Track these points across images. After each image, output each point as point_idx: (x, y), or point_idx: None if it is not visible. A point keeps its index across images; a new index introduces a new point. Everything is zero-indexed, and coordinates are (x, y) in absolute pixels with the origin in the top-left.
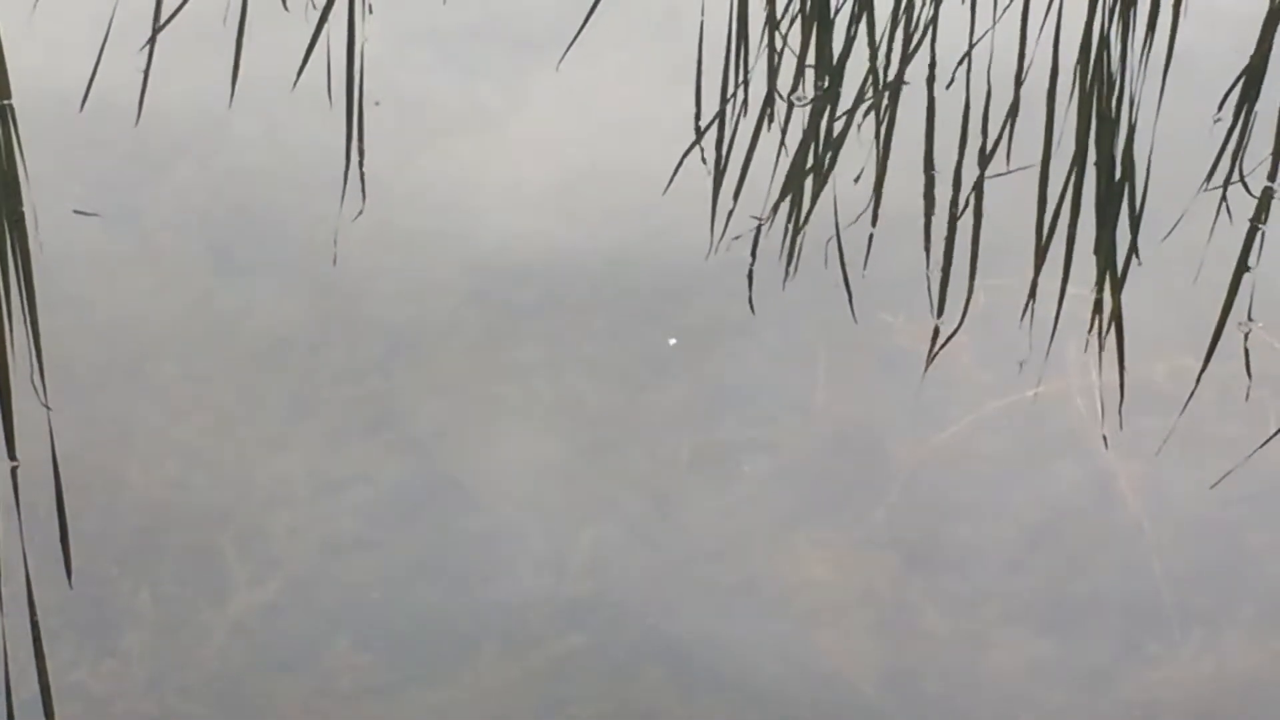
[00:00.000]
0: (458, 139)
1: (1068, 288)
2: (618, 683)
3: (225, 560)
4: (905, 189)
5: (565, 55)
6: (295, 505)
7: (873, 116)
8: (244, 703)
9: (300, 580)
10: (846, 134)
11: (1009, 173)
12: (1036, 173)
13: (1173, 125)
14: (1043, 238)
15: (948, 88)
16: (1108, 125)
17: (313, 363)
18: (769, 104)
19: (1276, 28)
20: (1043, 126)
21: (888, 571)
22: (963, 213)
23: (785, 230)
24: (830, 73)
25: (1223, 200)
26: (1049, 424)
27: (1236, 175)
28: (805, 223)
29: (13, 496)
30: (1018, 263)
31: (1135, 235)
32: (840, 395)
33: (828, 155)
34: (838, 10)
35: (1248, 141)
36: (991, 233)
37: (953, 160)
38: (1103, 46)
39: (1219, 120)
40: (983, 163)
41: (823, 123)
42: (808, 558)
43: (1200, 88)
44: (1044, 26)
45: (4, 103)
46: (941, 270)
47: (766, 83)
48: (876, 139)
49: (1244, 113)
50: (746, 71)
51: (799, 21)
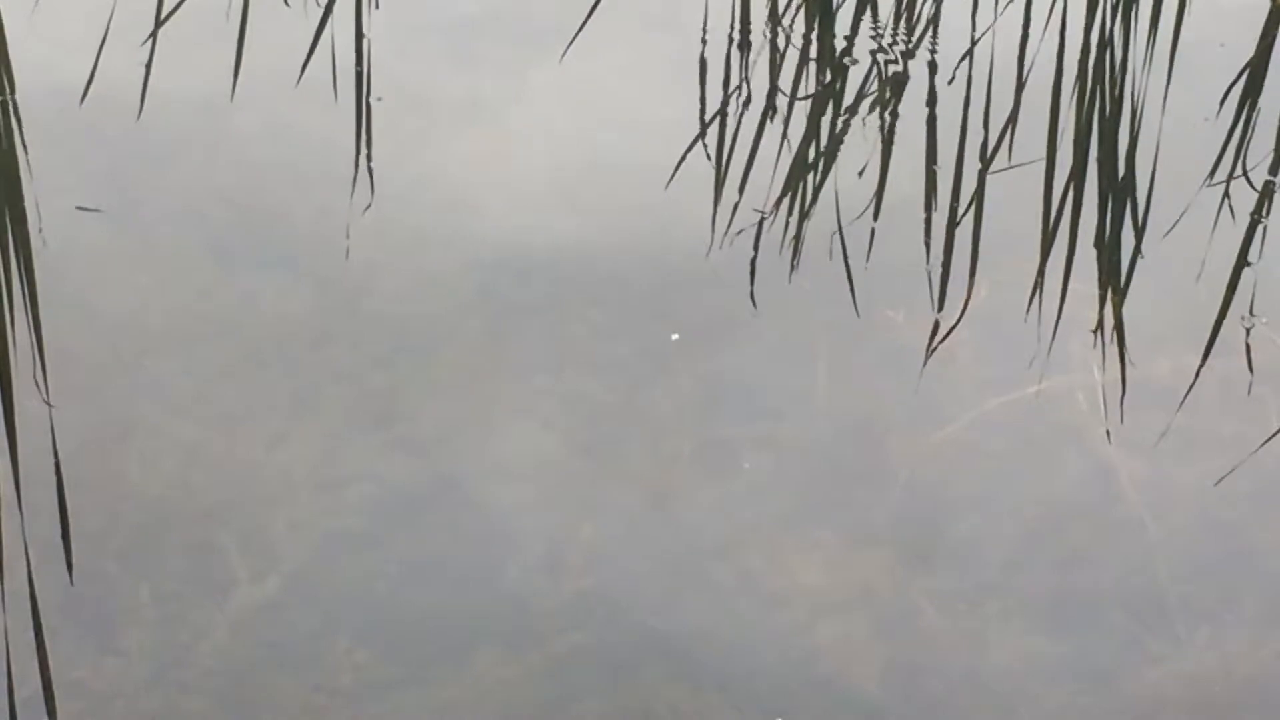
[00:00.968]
0: (460, 134)
1: (1071, 284)
2: (619, 681)
3: (226, 557)
4: (907, 184)
5: (568, 50)
6: (296, 502)
7: (876, 111)
8: (244, 699)
9: (301, 577)
10: (849, 129)
11: (1011, 168)
12: (1039, 169)
13: (1175, 121)
14: (1047, 233)
15: (950, 83)
16: (1110, 121)
17: (314, 360)
18: (771, 99)
19: (1278, 24)
20: (1045, 123)
21: (889, 568)
22: (966, 210)
23: (787, 225)
24: (832, 67)
25: (1225, 196)
26: (1052, 420)
27: (1239, 171)
28: (808, 217)
29: (14, 493)
30: (1020, 259)
31: (1139, 231)
32: (842, 391)
33: (830, 150)
34: (840, 4)
35: (1250, 138)
36: (994, 228)
37: (955, 156)
38: (1105, 43)
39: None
40: (984, 159)
41: (825, 117)
42: (808, 555)
43: (1202, 84)
44: (1048, 22)
45: (4, 98)
46: (943, 265)
47: (769, 77)
48: (880, 133)
49: (1246, 109)
50: (748, 66)
51: (801, 15)
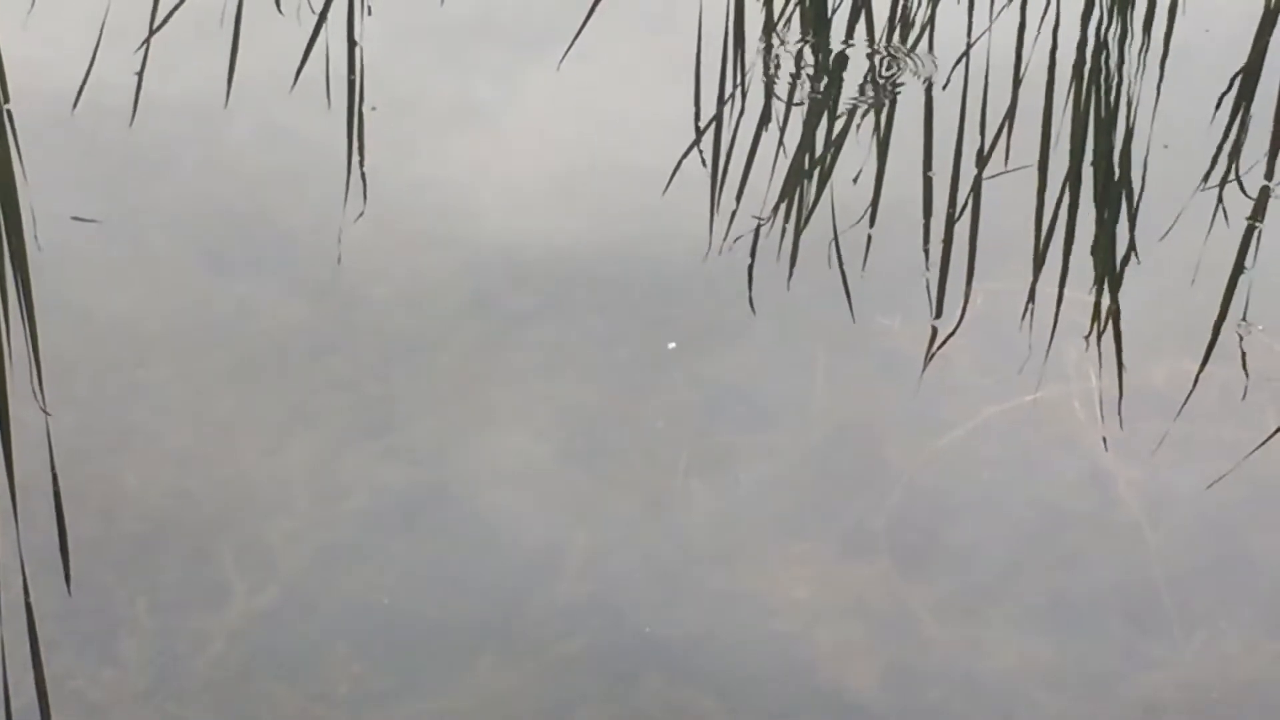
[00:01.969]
0: (455, 138)
1: (1067, 291)
2: (617, 688)
3: (223, 568)
4: (904, 190)
5: (565, 55)
6: (293, 512)
7: (871, 117)
8: (242, 710)
9: (298, 587)
10: (846, 135)
11: (1006, 172)
12: (1034, 173)
13: (1170, 125)
14: (1041, 239)
15: (944, 88)
16: (1105, 125)
17: (311, 369)
18: (768, 105)
19: (1272, 27)
20: (1040, 127)
21: (886, 575)
22: (960, 214)
23: (784, 231)
24: (828, 73)
25: (1219, 201)
26: (1048, 428)
27: (1234, 175)
28: (805, 224)
29: (10, 503)
30: (1016, 266)
31: (1133, 234)
32: (839, 398)
33: (827, 156)
34: (835, 9)
35: (1245, 141)
36: (990, 235)
37: (951, 161)
38: (1100, 46)
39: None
40: (980, 163)
41: (821, 123)
42: (805, 562)
43: (1197, 88)
44: (1041, 26)
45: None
46: (940, 271)
47: (764, 83)
48: (875, 137)
49: (1241, 112)
50: (744, 71)
51: (797, 20)
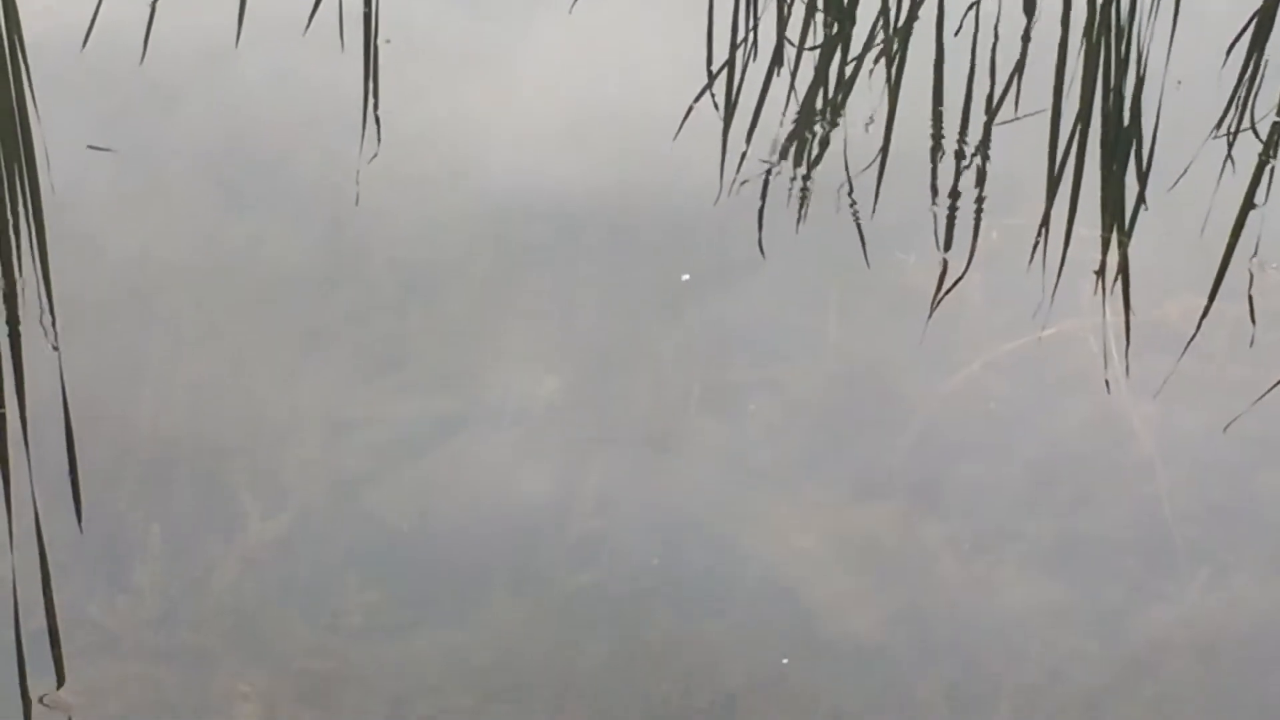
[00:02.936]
0: (467, 80)
1: (1079, 229)
2: (627, 621)
3: (237, 496)
4: (915, 135)
5: None
6: (307, 441)
7: (882, 63)
8: (254, 637)
9: (311, 516)
10: (856, 78)
11: (1018, 119)
12: (1047, 119)
13: (1182, 72)
14: (1054, 176)
15: (956, 34)
16: (1117, 70)
17: (324, 301)
18: (779, 48)
19: None
20: (1052, 73)
21: (898, 512)
22: (973, 157)
23: (794, 175)
24: (840, 16)
25: (1229, 148)
26: (1061, 364)
27: (1247, 123)
28: (816, 164)
29: (21, 432)
30: (1031, 205)
31: (1143, 178)
32: (852, 335)
33: (839, 96)
34: None
35: (1258, 89)
36: (1003, 175)
37: (962, 106)
38: None
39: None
40: (990, 110)
41: (833, 67)
42: (816, 499)
43: (1210, 34)
44: None
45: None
46: (949, 206)
47: (776, 27)
48: (886, 83)
49: (1253, 60)
50: (756, 14)
51: None
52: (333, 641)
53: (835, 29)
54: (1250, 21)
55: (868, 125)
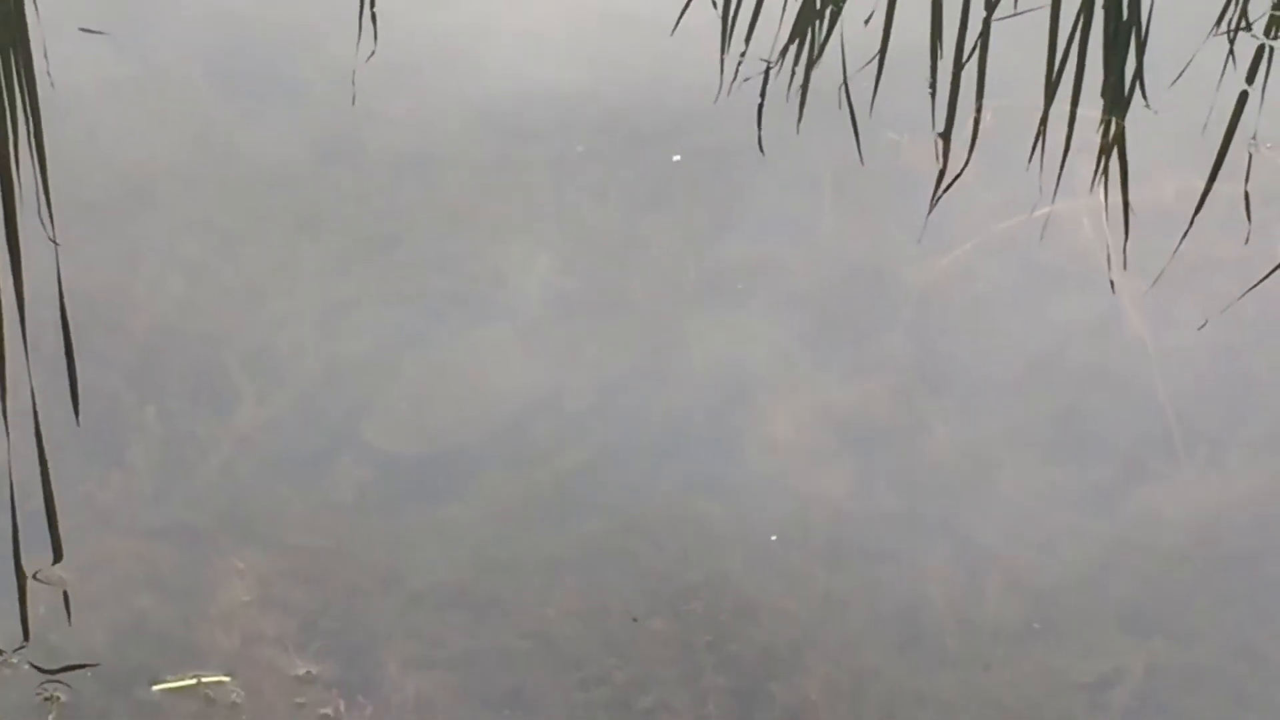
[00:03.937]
0: None
1: (1080, 110)
2: (621, 499)
3: (232, 376)
4: (913, 33)
5: None
6: (302, 324)
7: None
8: (249, 515)
9: (305, 397)
10: None
11: (1017, 14)
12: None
13: None
14: (1053, 56)
15: None
16: None
17: (319, 183)
18: None
19: None
20: None
21: (895, 395)
22: (971, 54)
23: (793, 74)
24: None
25: (1231, 45)
26: (1057, 245)
27: (1244, 23)
28: (816, 61)
29: (18, 313)
30: (1024, 88)
31: (1140, 62)
32: (848, 217)
33: None
34: None
35: None
36: (1000, 64)
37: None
38: None
39: None
40: (989, 4)
41: None
42: (815, 379)
43: None
44: None
45: None
46: (950, 87)
47: None
48: None
49: None
50: None
51: None
52: (326, 519)
53: None
54: None
55: (866, 21)
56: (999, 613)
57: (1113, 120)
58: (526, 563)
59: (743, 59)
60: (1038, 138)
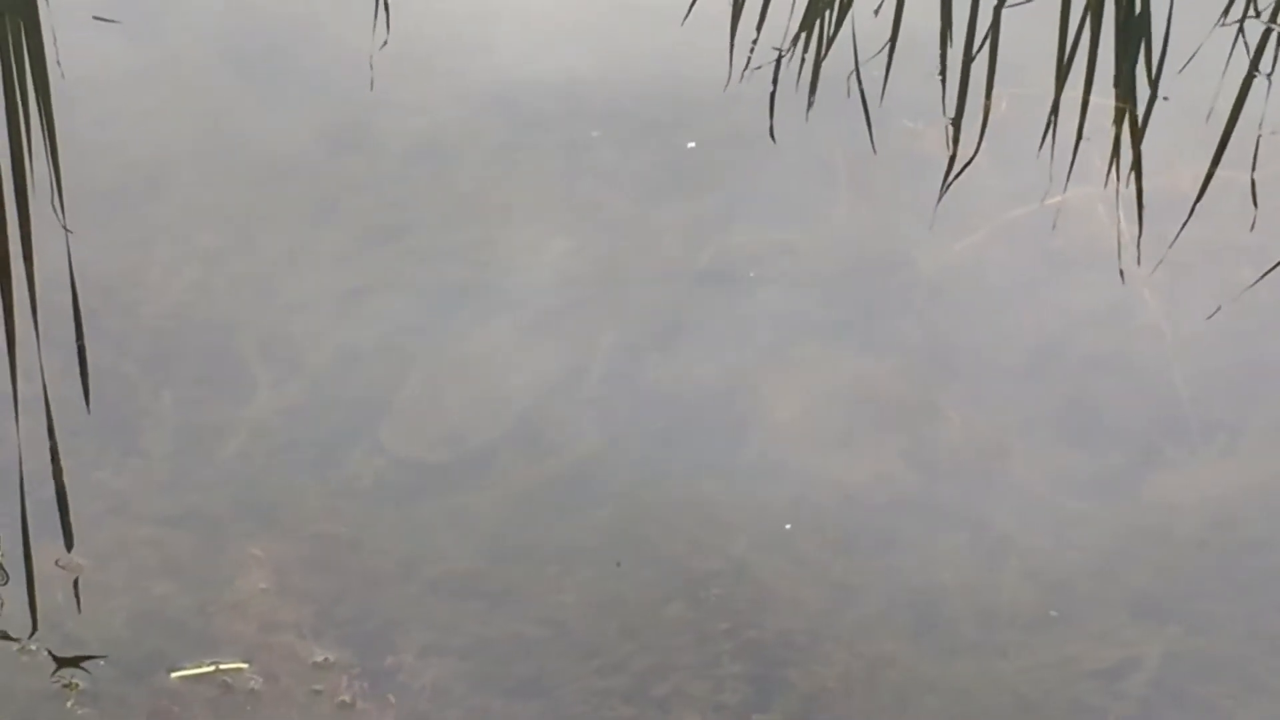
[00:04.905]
0: None
1: (1093, 97)
2: (634, 486)
3: (247, 363)
4: (922, 25)
5: None
6: (317, 310)
7: None
8: (264, 502)
9: (320, 383)
10: None
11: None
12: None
13: None
14: (1065, 47)
15: None
16: None
17: (332, 170)
18: None
19: None
20: None
21: (908, 378)
22: (982, 45)
23: (803, 61)
24: None
25: (1240, 32)
26: (1072, 231)
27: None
28: (827, 52)
29: (29, 298)
30: (1038, 76)
31: (1150, 54)
32: (861, 204)
33: None
34: None
35: None
36: (1012, 51)
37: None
38: None
39: None
40: None
41: None
42: (827, 358)
43: None
44: None
45: None
46: (961, 75)
47: None
48: None
49: None
50: None
51: None
52: (342, 506)
53: None
54: None
55: (877, 10)
56: (1015, 600)
57: (1127, 108)
58: (543, 550)
59: (754, 46)
60: (1048, 127)
